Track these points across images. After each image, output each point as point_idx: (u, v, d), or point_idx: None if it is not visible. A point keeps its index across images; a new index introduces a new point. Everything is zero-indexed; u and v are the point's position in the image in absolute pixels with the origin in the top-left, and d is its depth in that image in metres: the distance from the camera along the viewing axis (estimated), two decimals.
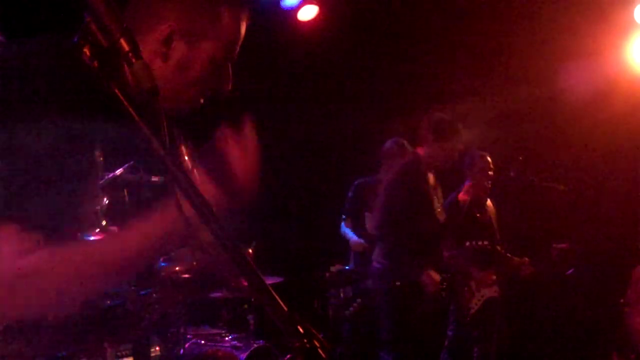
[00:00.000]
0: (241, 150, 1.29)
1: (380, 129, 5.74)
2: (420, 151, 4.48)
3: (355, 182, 5.33)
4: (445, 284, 4.60)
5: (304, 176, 6.50)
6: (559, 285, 5.37)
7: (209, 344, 4.56)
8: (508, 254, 5.03)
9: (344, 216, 5.31)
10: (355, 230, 5.24)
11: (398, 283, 4.27)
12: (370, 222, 5.11)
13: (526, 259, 5.08)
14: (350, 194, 5.32)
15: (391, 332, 4.37)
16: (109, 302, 2.63)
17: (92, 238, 2.52)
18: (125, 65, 1.02)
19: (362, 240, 5.10)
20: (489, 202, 5.20)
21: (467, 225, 4.92)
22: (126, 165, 2.56)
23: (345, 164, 6.11)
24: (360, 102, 6.39)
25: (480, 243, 4.66)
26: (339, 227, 5.36)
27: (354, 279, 5.03)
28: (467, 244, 4.67)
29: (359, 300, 4.97)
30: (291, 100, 6.30)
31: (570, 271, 5.25)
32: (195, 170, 1.25)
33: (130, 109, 1.04)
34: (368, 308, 4.96)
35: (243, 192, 1.31)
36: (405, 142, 5.14)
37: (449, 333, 4.97)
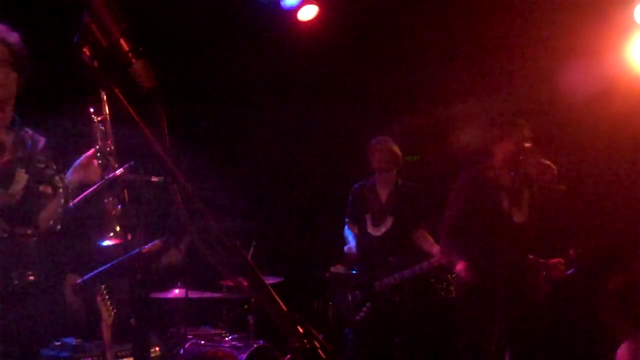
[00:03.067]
0: None
1: (381, 128, 5.74)
2: (493, 150, 4.60)
3: (354, 186, 5.33)
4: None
5: (304, 176, 6.50)
6: (559, 286, 5.36)
7: (209, 344, 4.56)
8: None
9: (347, 219, 5.32)
10: (358, 232, 5.23)
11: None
12: (370, 224, 5.12)
13: (560, 259, 5.14)
14: (350, 197, 5.33)
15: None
16: None
17: (109, 243, 2.55)
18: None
19: (353, 250, 5.10)
20: None
21: None
22: (126, 165, 2.57)
23: (346, 164, 6.11)
24: (361, 102, 6.39)
25: None
26: (339, 227, 5.35)
27: (363, 283, 5.01)
28: None
29: (368, 304, 4.95)
30: (291, 99, 6.30)
31: (571, 271, 5.25)
32: None
33: (131, 109, 1.04)
34: (378, 312, 4.95)
35: None
36: (389, 139, 5.16)
37: None
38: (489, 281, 4.39)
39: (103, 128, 2.53)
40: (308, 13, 5.54)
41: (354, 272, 5.11)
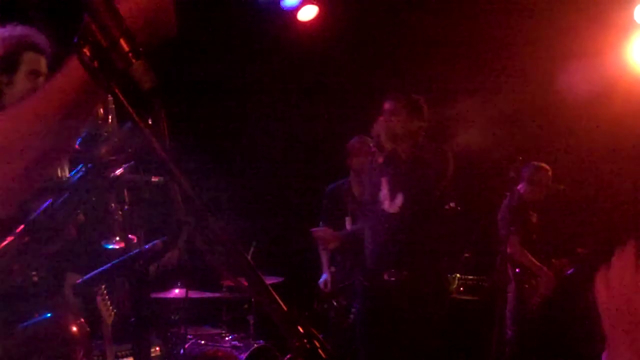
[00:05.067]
0: None
1: None
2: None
3: (328, 188, 5.33)
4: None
5: (304, 176, 6.50)
6: (559, 286, 5.37)
7: (209, 344, 4.56)
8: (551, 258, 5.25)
9: (321, 223, 5.31)
10: None
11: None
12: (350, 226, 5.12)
13: (565, 259, 5.19)
14: (324, 201, 5.32)
15: None
16: None
17: (113, 246, 2.53)
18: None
19: (329, 284, 5.12)
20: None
21: (523, 226, 5.15)
22: (126, 165, 2.56)
23: (346, 164, 6.11)
24: (361, 102, 6.38)
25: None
26: (339, 227, 5.35)
27: (345, 286, 5.01)
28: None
29: (355, 305, 4.95)
30: (291, 99, 6.30)
31: (571, 271, 5.26)
32: None
33: (131, 109, 1.04)
34: (373, 315, 4.94)
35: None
36: (368, 139, 5.13)
37: (509, 332, 5.07)
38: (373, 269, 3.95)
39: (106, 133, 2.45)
40: (308, 13, 5.55)
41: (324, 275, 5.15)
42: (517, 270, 5.13)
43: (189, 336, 4.55)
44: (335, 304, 5.01)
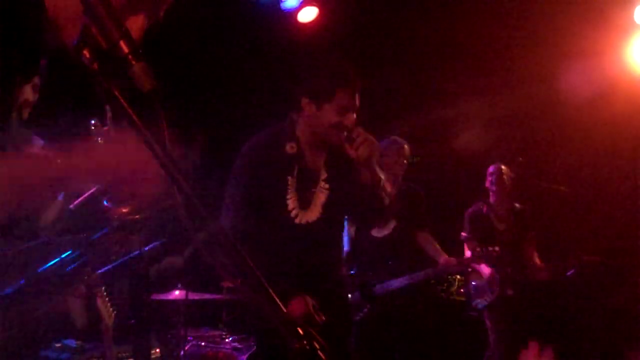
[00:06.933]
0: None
1: (381, 128, 5.74)
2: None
3: None
4: None
5: None
6: (561, 286, 5.37)
7: (209, 345, 4.56)
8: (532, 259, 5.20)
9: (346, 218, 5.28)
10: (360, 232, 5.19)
11: None
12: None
13: (544, 264, 5.19)
14: None
15: None
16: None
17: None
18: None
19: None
20: (517, 206, 5.27)
21: (485, 231, 5.16)
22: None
23: None
24: (361, 103, 6.38)
25: (490, 249, 4.72)
26: None
27: (363, 284, 4.97)
28: (478, 249, 4.79)
29: (368, 306, 4.93)
30: (292, 100, 6.29)
31: (571, 272, 5.25)
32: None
33: (130, 111, 1.04)
34: (377, 315, 4.92)
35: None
36: (401, 140, 5.08)
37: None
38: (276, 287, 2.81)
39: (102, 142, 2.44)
40: (308, 15, 5.54)
41: (352, 272, 5.09)
42: (469, 269, 5.19)
43: (189, 338, 4.55)
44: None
